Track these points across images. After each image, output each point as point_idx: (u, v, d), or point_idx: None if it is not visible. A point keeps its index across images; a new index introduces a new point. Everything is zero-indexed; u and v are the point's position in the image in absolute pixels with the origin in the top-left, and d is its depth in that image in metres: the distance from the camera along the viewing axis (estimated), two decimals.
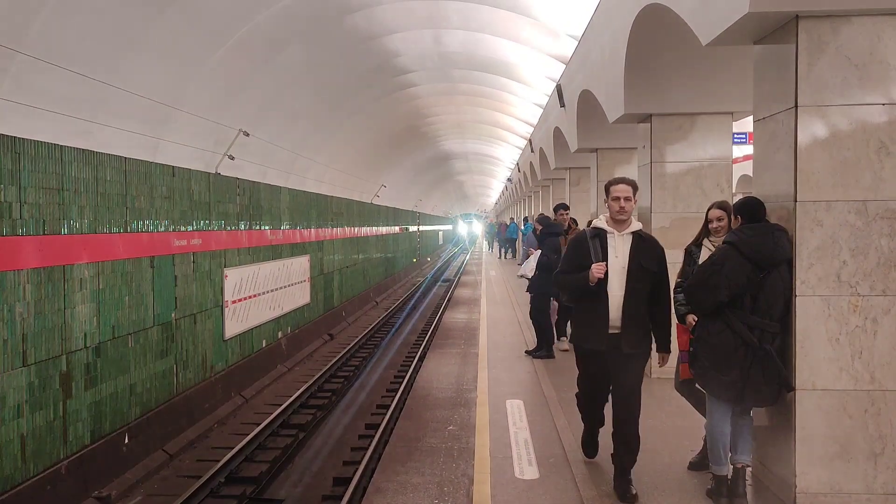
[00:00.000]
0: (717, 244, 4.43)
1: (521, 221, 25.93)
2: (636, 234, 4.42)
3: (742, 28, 4.19)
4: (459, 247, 60.03)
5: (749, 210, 4.22)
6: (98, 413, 7.38)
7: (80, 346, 7.12)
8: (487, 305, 13.99)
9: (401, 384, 11.26)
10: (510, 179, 32.45)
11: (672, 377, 4.87)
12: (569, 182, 14.34)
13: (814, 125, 3.99)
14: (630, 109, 7.13)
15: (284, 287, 13.70)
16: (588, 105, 9.84)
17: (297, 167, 14.93)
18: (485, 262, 29.05)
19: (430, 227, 45.96)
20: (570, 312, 4.97)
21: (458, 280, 26.23)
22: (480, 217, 68.92)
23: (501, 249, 31.49)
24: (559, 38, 11.35)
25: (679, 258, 4.79)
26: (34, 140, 6.47)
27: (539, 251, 8.81)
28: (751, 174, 4.87)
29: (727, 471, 4.29)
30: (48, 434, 6.58)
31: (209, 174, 10.35)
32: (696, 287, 4.22)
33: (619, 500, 4.31)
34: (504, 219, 39.65)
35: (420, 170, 32.17)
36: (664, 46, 6.59)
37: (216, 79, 9.66)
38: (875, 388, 4.01)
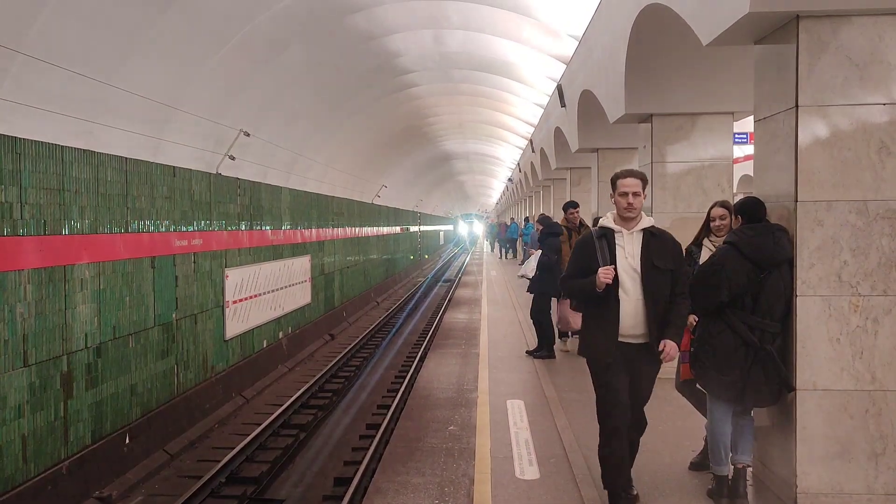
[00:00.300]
0: (718, 244, 4.43)
1: (522, 221, 25.91)
2: (647, 232, 4.01)
3: (742, 28, 4.19)
4: (460, 247, 59.97)
5: (750, 210, 4.22)
6: (99, 413, 7.38)
7: (81, 347, 7.12)
8: (488, 306, 13.99)
9: (401, 384, 11.27)
10: (511, 179, 32.46)
11: (672, 377, 4.87)
12: (570, 182, 14.35)
13: (814, 125, 3.99)
14: (631, 109, 7.14)
15: (285, 287, 13.70)
16: (589, 105, 9.84)
17: (298, 167, 14.94)
18: (485, 263, 29.03)
19: (431, 228, 45.95)
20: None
21: (459, 280, 26.22)
22: (481, 217, 68.86)
23: (502, 249, 31.52)
24: (560, 38, 11.35)
25: None
26: (35, 140, 6.47)
27: (539, 251, 8.81)
28: (752, 174, 4.87)
29: (728, 471, 4.29)
30: (49, 434, 6.58)
31: (210, 174, 10.35)
32: (697, 287, 4.22)
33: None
34: (505, 219, 39.66)
35: (421, 170, 32.18)
36: (665, 46, 6.59)
37: (217, 79, 9.66)
38: (876, 389, 4.00)
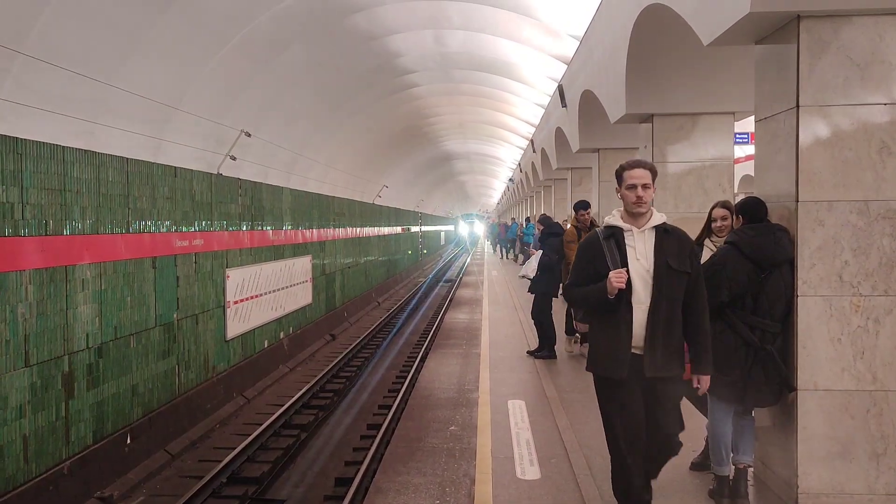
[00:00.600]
0: (719, 244, 4.42)
1: (524, 222, 25.90)
2: (660, 229, 3.63)
3: (743, 28, 4.19)
4: (461, 248, 59.87)
5: (750, 210, 4.22)
6: (100, 413, 7.39)
7: (83, 347, 7.13)
8: (489, 306, 13.98)
9: (402, 384, 11.27)
10: (512, 179, 32.49)
11: None
12: (571, 182, 14.37)
13: (815, 125, 3.99)
14: (632, 109, 7.14)
15: (286, 287, 13.71)
16: (590, 105, 9.85)
17: (299, 167, 14.94)
18: (487, 263, 29.04)
19: (432, 228, 45.95)
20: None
21: (460, 280, 26.21)
22: (482, 217, 68.83)
23: (503, 249, 31.65)
24: (561, 39, 11.34)
25: None
26: (36, 141, 6.48)
27: (540, 251, 8.80)
28: (752, 174, 4.86)
29: (729, 471, 4.28)
30: (50, 434, 6.59)
31: (211, 175, 10.35)
32: None
33: None
34: (506, 219, 39.74)
35: (422, 170, 32.18)
36: (666, 46, 6.60)
37: (217, 79, 9.67)
38: (877, 389, 4.00)
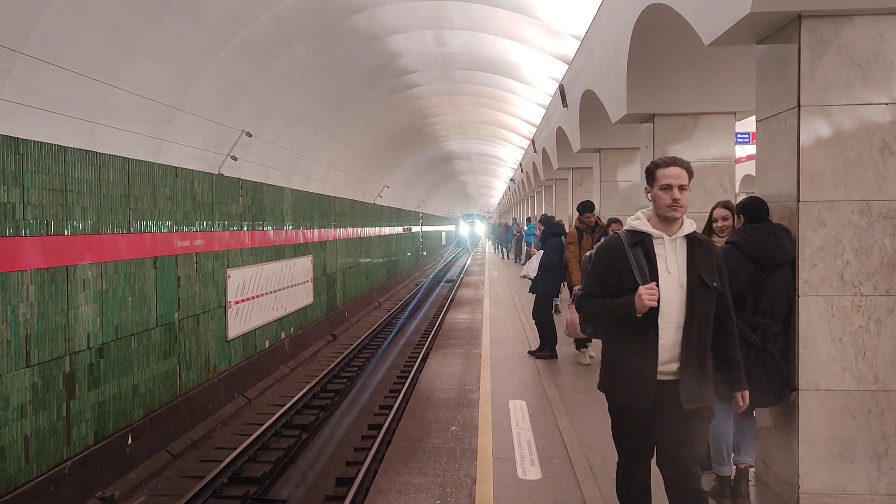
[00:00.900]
0: (720, 244, 4.42)
1: (525, 222, 25.91)
2: (692, 238, 3.16)
3: (744, 28, 4.19)
4: (461, 248, 59.77)
5: (752, 210, 4.21)
6: (101, 414, 7.39)
7: (84, 347, 7.13)
8: (490, 306, 13.98)
9: (403, 384, 11.27)
10: (513, 179, 32.51)
11: None
12: (572, 182, 14.36)
13: (816, 125, 3.99)
14: (633, 109, 7.13)
15: (287, 288, 13.71)
16: (591, 105, 9.84)
17: (300, 168, 14.94)
18: (488, 263, 29.04)
19: (433, 228, 45.94)
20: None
21: (461, 280, 26.22)
22: (483, 217, 68.80)
23: (503, 249, 31.81)
24: (562, 39, 11.34)
25: None
26: (37, 141, 6.49)
27: (541, 251, 8.78)
28: (754, 174, 4.86)
29: (730, 471, 4.28)
30: (51, 435, 6.59)
31: (212, 175, 10.36)
32: None
33: None
34: (507, 219, 39.84)
35: (423, 170, 32.18)
36: (667, 46, 6.59)
37: (218, 80, 9.67)
38: (879, 389, 4.00)
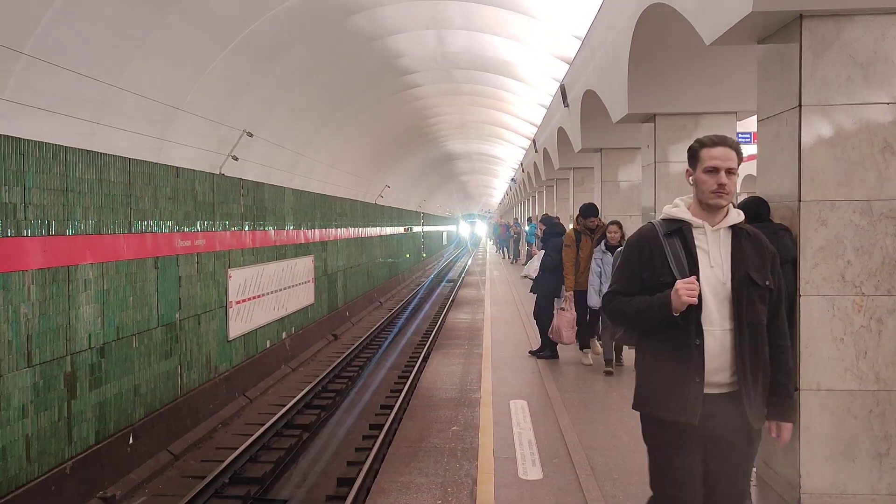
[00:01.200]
0: None
1: (526, 222, 25.93)
2: (738, 230, 2.78)
3: (745, 27, 4.18)
4: (462, 249, 59.68)
5: (753, 209, 4.21)
6: (103, 413, 7.40)
7: (85, 347, 7.14)
8: (491, 306, 13.98)
9: (405, 384, 11.27)
10: (514, 179, 32.52)
11: None
12: (573, 182, 14.36)
13: (818, 124, 3.98)
14: (634, 109, 7.13)
15: (288, 287, 13.72)
16: (592, 105, 9.84)
17: (301, 168, 14.95)
18: (489, 263, 29.05)
19: (434, 228, 45.95)
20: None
21: (462, 280, 26.22)
22: (484, 217, 68.79)
23: (504, 249, 31.92)
24: (563, 39, 11.33)
25: None
26: (39, 141, 6.49)
27: (542, 251, 8.78)
28: (755, 174, 4.85)
29: None
30: (53, 434, 6.60)
31: (213, 175, 10.36)
32: None
33: None
34: (508, 219, 39.94)
35: (424, 170, 32.18)
36: (668, 46, 6.59)
37: (220, 80, 9.67)
38: (880, 389, 3.99)
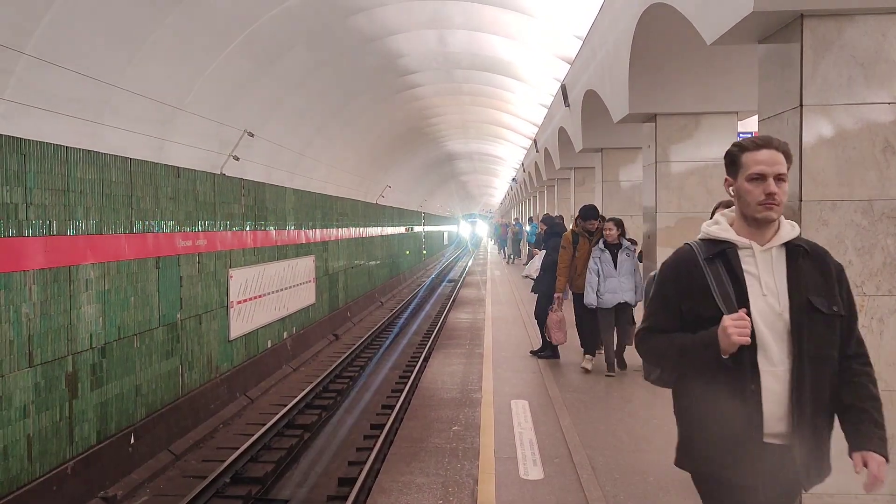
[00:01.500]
0: None
1: (527, 221, 25.93)
2: (793, 247, 2.30)
3: (746, 27, 4.18)
4: (462, 249, 59.59)
5: None
6: (104, 413, 7.40)
7: (86, 347, 7.15)
8: (492, 306, 13.99)
9: (406, 384, 11.28)
10: (515, 179, 32.54)
11: None
12: (573, 182, 14.36)
13: (819, 124, 3.98)
14: (635, 109, 7.13)
15: (290, 287, 13.72)
16: (593, 105, 9.84)
17: (302, 168, 14.95)
18: (490, 263, 29.06)
19: (435, 228, 45.95)
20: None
21: (463, 280, 26.24)
22: (485, 217, 68.79)
23: (504, 249, 31.94)
24: (563, 38, 11.33)
25: None
26: (40, 141, 6.50)
27: (543, 251, 8.78)
28: None
29: None
30: (54, 434, 6.61)
31: (214, 175, 10.37)
32: None
33: None
34: (508, 219, 39.97)
35: (424, 170, 32.18)
36: (668, 46, 6.58)
37: (221, 80, 9.68)
38: (882, 389, 3.96)
